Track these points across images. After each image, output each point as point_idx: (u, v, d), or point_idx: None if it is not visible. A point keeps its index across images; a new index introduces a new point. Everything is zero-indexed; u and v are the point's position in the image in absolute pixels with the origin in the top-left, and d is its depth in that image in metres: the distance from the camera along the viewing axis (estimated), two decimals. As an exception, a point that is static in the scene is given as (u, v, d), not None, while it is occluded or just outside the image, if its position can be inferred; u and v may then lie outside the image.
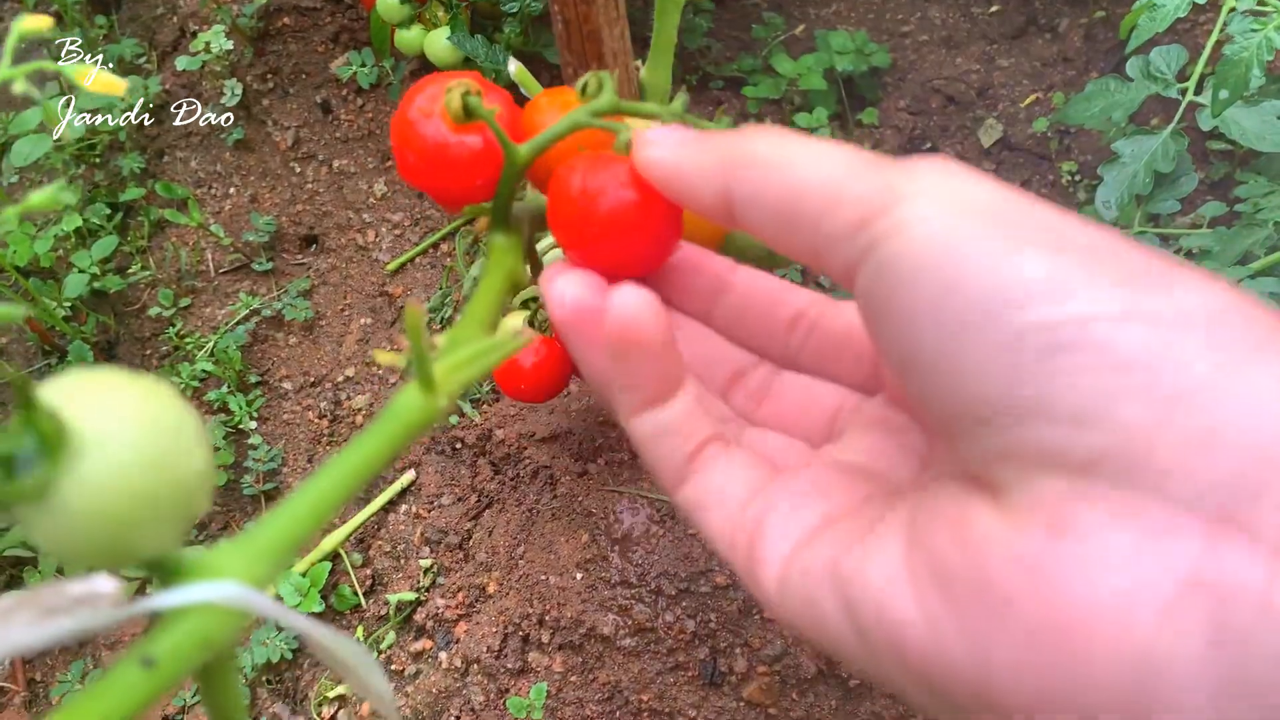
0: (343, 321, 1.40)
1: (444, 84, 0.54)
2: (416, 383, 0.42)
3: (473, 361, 0.43)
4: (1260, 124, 1.17)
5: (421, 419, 0.42)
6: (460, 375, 0.43)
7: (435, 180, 0.55)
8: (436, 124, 0.54)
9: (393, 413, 0.42)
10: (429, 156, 0.54)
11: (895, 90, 1.69)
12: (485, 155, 0.54)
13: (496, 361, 0.43)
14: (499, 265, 0.55)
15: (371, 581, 1.17)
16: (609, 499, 0.92)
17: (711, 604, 0.85)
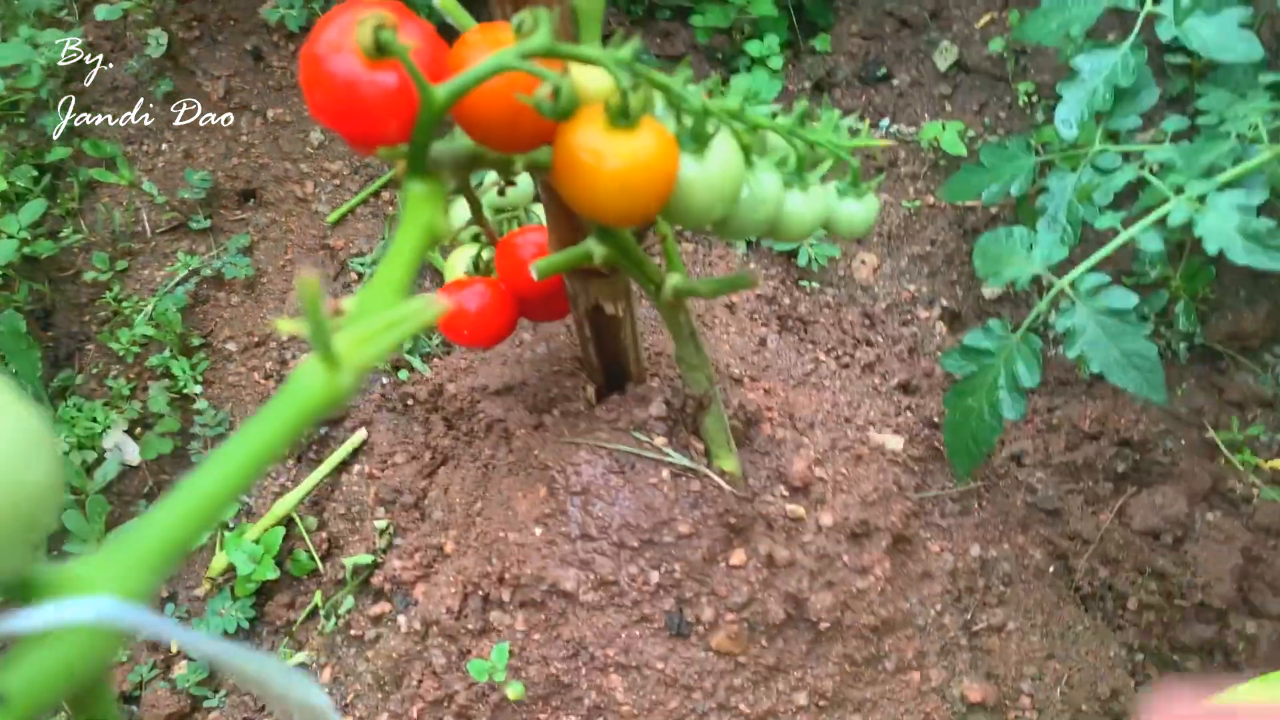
0: (285, 278, 1.35)
1: (356, 14, 0.49)
2: (317, 358, 0.39)
3: (381, 334, 0.39)
4: (1221, 33, 1.14)
5: (324, 399, 0.38)
6: (367, 350, 0.39)
7: (345, 121, 0.51)
8: (347, 59, 0.49)
9: (291, 392, 0.38)
10: (338, 95, 0.50)
11: (847, 14, 1.64)
12: (400, 95, 0.50)
13: (409, 332, 0.40)
14: (415, 218, 0.51)
15: (327, 545, 1.14)
16: (566, 451, 0.89)
17: (675, 554, 0.83)
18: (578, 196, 0.55)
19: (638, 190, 0.54)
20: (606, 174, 0.53)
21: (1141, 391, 0.81)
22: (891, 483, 0.95)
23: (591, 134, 0.53)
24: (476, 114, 0.52)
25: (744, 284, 0.73)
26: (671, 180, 0.56)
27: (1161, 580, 1.06)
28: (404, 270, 0.47)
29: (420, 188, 0.51)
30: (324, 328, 0.36)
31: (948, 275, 1.37)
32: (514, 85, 0.51)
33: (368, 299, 0.46)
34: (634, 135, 0.53)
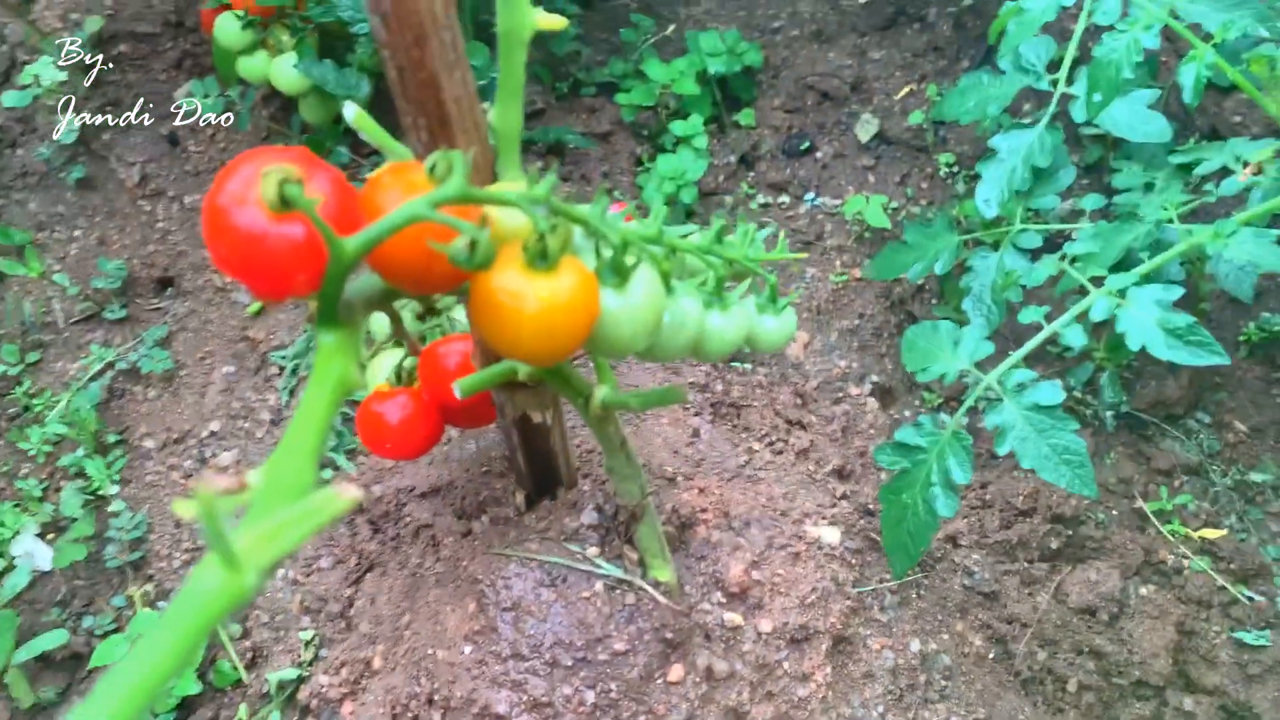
0: (204, 371, 1.31)
1: (259, 166, 0.47)
2: (216, 559, 0.36)
3: (285, 530, 0.37)
4: (1131, 114, 1.16)
5: (226, 601, 0.36)
6: (271, 549, 0.37)
7: (251, 275, 0.49)
8: (251, 212, 0.47)
9: (190, 596, 0.36)
10: (242, 248, 0.47)
11: (770, 89, 1.66)
12: (307, 248, 0.48)
13: (316, 527, 0.38)
14: (326, 372, 0.48)
15: (252, 655, 1.10)
16: (496, 563, 0.87)
17: (611, 672, 0.80)
18: (498, 339, 0.53)
19: (559, 331, 0.53)
20: (527, 316, 0.52)
21: (1073, 488, 0.81)
22: (830, 580, 0.94)
23: (509, 276, 0.52)
24: (389, 261, 0.51)
25: (674, 398, 0.72)
26: (593, 317, 0.55)
27: (1099, 659, 1.06)
28: (315, 435, 0.45)
29: (331, 339, 0.49)
30: (222, 534, 0.34)
31: (876, 349, 1.38)
32: (427, 232, 0.49)
33: (277, 470, 0.43)
34: (553, 276, 0.52)
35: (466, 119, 0.65)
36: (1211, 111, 1.45)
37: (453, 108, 0.64)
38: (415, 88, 0.63)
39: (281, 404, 1.25)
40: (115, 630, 1.16)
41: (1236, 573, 1.14)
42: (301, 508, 0.38)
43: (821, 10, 1.74)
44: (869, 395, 1.31)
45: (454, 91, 0.64)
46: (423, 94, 0.63)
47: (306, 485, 0.43)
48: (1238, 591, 1.12)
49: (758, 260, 0.69)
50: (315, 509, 0.38)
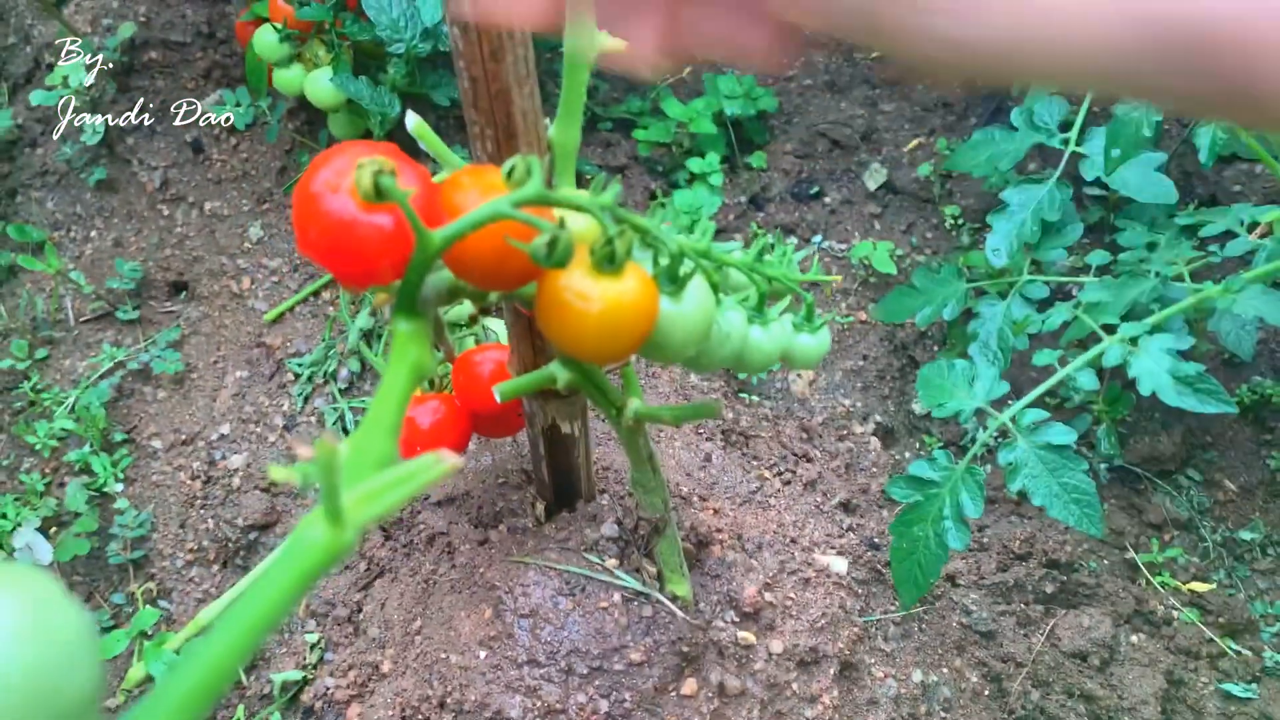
0: (216, 375, 1.32)
1: (354, 157, 0.50)
2: (322, 515, 0.38)
3: (387, 491, 0.39)
4: (1141, 177, 1.20)
5: (329, 555, 0.38)
6: (373, 507, 0.39)
7: (338, 260, 0.51)
8: (344, 200, 0.49)
9: (296, 549, 0.38)
10: (333, 235, 0.50)
11: (782, 134, 1.70)
12: (395, 237, 0.50)
13: (415, 490, 0.39)
14: (403, 357, 0.50)
15: (253, 657, 1.10)
16: (514, 570, 0.88)
17: (626, 682, 0.82)
18: (562, 336, 0.55)
19: (621, 332, 0.55)
20: (593, 317, 0.54)
21: (1081, 526, 0.83)
22: (838, 607, 0.95)
23: (578, 278, 0.54)
24: (466, 256, 0.53)
25: (709, 413, 0.74)
26: (652, 321, 0.57)
27: (1090, 702, 1.08)
28: (395, 412, 0.47)
29: (408, 327, 0.51)
30: (337, 490, 0.36)
31: (879, 390, 1.41)
32: (505, 230, 0.51)
33: (361, 443, 0.45)
34: (619, 279, 0.54)
35: (531, 132, 0.68)
36: (1211, 180, 1.50)
37: (520, 120, 0.67)
38: (487, 99, 0.66)
39: (295, 410, 1.27)
40: (114, 626, 1.15)
41: (1224, 626, 1.17)
42: (402, 470, 0.40)
43: (835, 62, 1.79)
44: (872, 434, 1.33)
45: (523, 105, 0.67)
46: (494, 105, 0.66)
47: (389, 458, 0.45)
48: (1225, 644, 1.14)
49: (796, 280, 0.72)
50: (415, 472, 0.40)
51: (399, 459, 0.46)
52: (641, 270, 0.57)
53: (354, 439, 0.47)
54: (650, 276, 0.58)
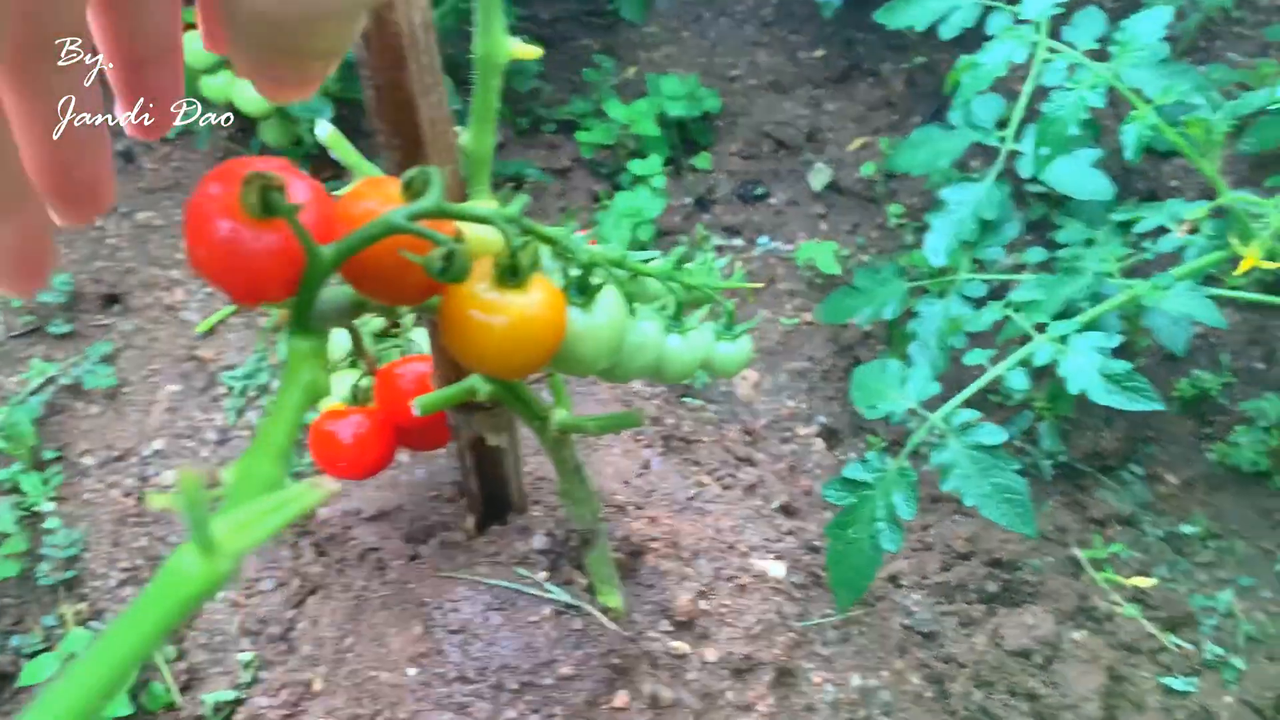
0: (149, 389, 1.30)
1: (242, 172, 0.48)
2: (194, 545, 0.37)
3: (262, 519, 0.37)
4: (1075, 172, 1.21)
5: (202, 587, 0.36)
6: (247, 536, 0.37)
7: (228, 279, 0.49)
8: (231, 217, 0.48)
9: (166, 582, 0.36)
10: (221, 253, 0.48)
11: (727, 134, 1.69)
12: (284, 254, 0.48)
13: (292, 517, 0.38)
14: (297, 377, 0.49)
15: (187, 677, 1.07)
16: (444, 585, 0.87)
17: (557, 696, 0.80)
18: (466, 352, 0.54)
19: (527, 347, 0.54)
20: (497, 332, 0.53)
21: (1013, 526, 0.83)
22: (774, 613, 0.95)
23: (481, 292, 0.53)
24: (365, 271, 0.51)
25: (631, 422, 0.73)
26: (560, 334, 0.56)
27: (1033, 701, 1.07)
28: (285, 434, 0.46)
29: (303, 344, 0.50)
30: (204, 521, 0.35)
31: (825, 391, 1.40)
32: (403, 244, 0.50)
33: (248, 468, 0.44)
34: (523, 292, 0.53)
35: (440, 141, 0.66)
36: (1150, 175, 1.51)
37: (427, 129, 0.66)
38: (392, 108, 0.64)
39: (228, 424, 1.24)
40: (45, 649, 1.13)
41: (1165, 621, 1.17)
42: (277, 498, 0.38)
43: (779, 61, 1.79)
44: (816, 436, 1.33)
45: (429, 114, 0.65)
46: (399, 115, 0.65)
47: (277, 482, 0.44)
48: (1166, 639, 1.15)
49: (716, 288, 0.71)
50: (291, 499, 0.38)
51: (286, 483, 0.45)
52: (549, 282, 0.56)
53: (240, 463, 0.45)
54: (559, 288, 0.57)
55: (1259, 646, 1.16)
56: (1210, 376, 1.33)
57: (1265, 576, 1.22)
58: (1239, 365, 1.37)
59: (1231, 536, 1.26)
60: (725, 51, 1.81)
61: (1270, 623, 1.18)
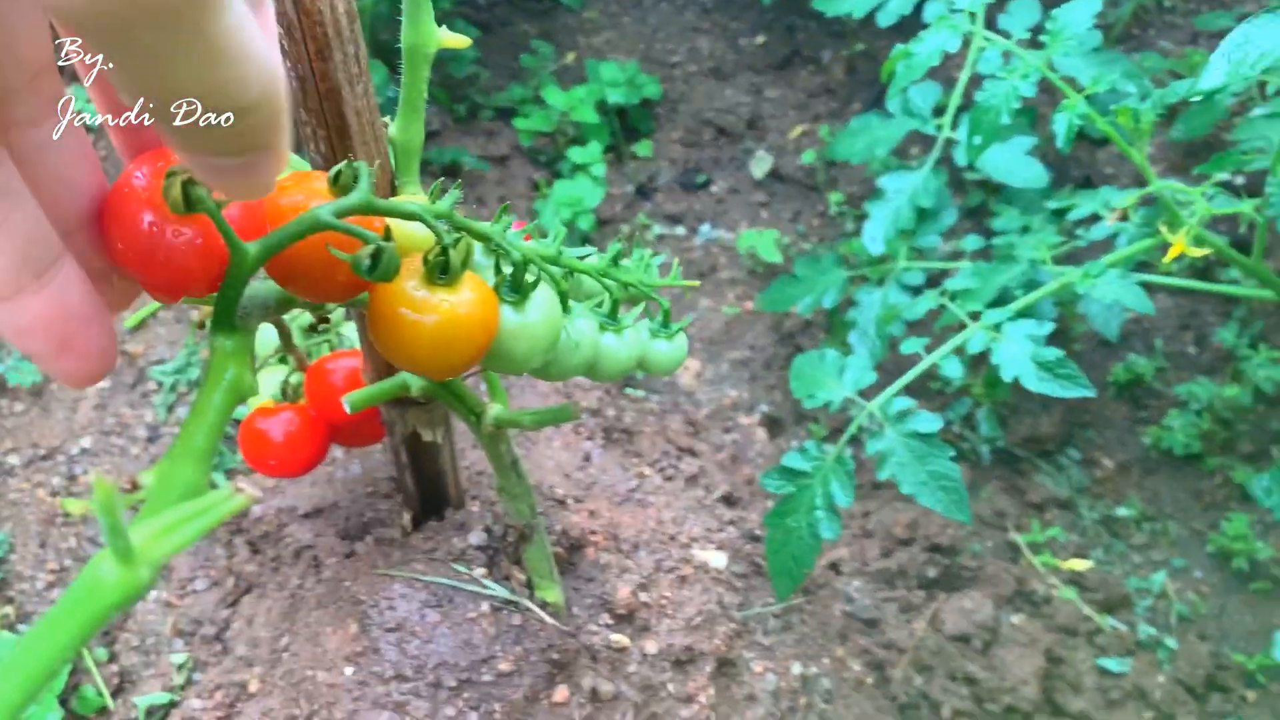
0: (77, 385, 1.26)
1: (165, 164, 0.46)
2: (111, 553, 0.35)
3: (181, 526, 0.36)
4: (1010, 160, 1.22)
5: (120, 596, 0.35)
6: (166, 543, 0.36)
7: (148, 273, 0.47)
8: (153, 210, 0.46)
9: (83, 591, 0.35)
10: (141, 247, 0.46)
11: (668, 122, 1.68)
12: (207, 250, 0.47)
13: (211, 525, 0.37)
14: (219, 376, 0.47)
15: (119, 680, 1.05)
16: (380, 583, 0.85)
17: (496, 693, 0.80)
18: (396, 351, 0.53)
19: (458, 345, 0.53)
20: (426, 330, 0.51)
21: (948, 512, 0.84)
22: (715, 603, 0.95)
23: (410, 289, 0.51)
24: (290, 268, 0.50)
25: (566, 416, 0.72)
26: (492, 333, 0.55)
27: (972, 685, 1.09)
28: (208, 437, 0.44)
29: (227, 343, 0.48)
30: (119, 527, 0.33)
31: (766, 380, 1.40)
32: (330, 240, 0.49)
33: (168, 472, 0.42)
34: (454, 290, 0.52)
35: (367, 132, 0.65)
36: (1086, 162, 1.52)
37: (353, 120, 0.64)
38: (317, 98, 0.63)
39: (159, 420, 1.21)
40: (-31, 654, 1.10)
41: (1101, 603, 1.19)
42: (197, 504, 0.37)
43: (720, 48, 1.78)
44: (758, 425, 1.33)
45: (355, 104, 0.64)
46: (324, 105, 0.63)
47: (198, 487, 0.42)
48: (1102, 621, 1.17)
49: (652, 286, 0.70)
50: (210, 506, 0.37)
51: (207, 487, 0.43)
52: (480, 281, 0.55)
53: (160, 467, 0.44)
54: (491, 286, 0.56)
55: (1190, 626, 1.18)
56: (1144, 361, 1.36)
57: (1197, 557, 1.25)
58: (1172, 350, 1.39)
59: (1165, 518, 1.28)
60: (665, 38, 1.80)
61: (1201, 602, 1.20)
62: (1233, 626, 1.18)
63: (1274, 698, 1.12)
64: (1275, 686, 1.12)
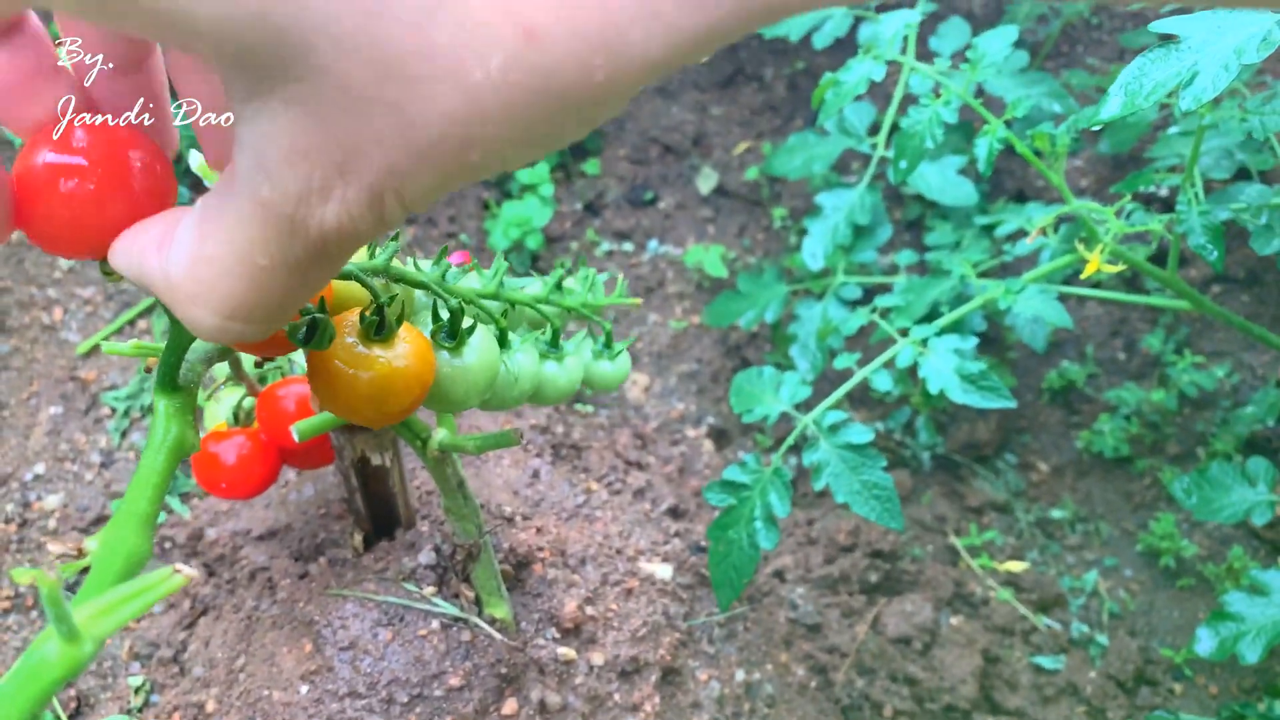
0: (29, 411, 1.27)
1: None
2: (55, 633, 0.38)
3: (122, 604, 0.39)
4: (942, 179, 1.26)
5: (64, 671, 0.38)
6: (108, 621, 0.38)
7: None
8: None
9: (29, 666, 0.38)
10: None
11: (615, 139, 1.72)
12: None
13: (151, 602, 0.39)
14: (162, 438, 0.49)
15: (76, 704, 1.06)
16: (333, 603, 0.88)
17: (447, 707, 0.82)
18: (334, 404, 0.55)
19: (394, 398, 0.55)
20: (362, 385, 0.53)
21: (882, 521, 0.87)
22: (661, 614, 0.98)
23: (346, 346, 0.53)
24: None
25: (510, 441, 0.74)
26: (427, 385, 0.57)
27: (913, 686, 1.13)
28: (151, 501, 0.46)
29: (171, 402, 0.50)
30: (62, 610, 0.36)
31: (714, 392, 1.44)
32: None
33: (113, 540, 0.44)
34: (389, 346, 0.54)
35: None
36: (1019, 176, 1.58)
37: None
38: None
39: (113, 445, 1.23)
40: (-75, 683, 1.10)
41: (1036, 602, 1.24)
42: (138, 583, 0.39)
43: (664, 67, 1.82)
44: (705, 437, 1.36)
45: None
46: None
47: (143, 553, 0.44)
48: (1037, 620, 1.21)
49: (595, 306, 0.73)
50: (151, 584, 0.39)
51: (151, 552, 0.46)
52: (415, 333, 0.57)
53: (105, 533, 0.46)
54: (424, 338, 0.58)
55: (1121, 623, 1.23)
56: (1076, 368, 1.41)
57: (1127, 556, 1.30)
58: (1103, 356, 1.44)
59: (1097, 519, 1.33)
60: (612, 58, 1.83)
61: (1131, 600, 1.25)
62: (1160, 622, 1.23)
63: (1199, 690, 1.17)
64: (1200, 679, 1.17)
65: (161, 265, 0.33)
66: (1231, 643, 0.89)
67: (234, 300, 0.31)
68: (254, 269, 0.30)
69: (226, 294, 0.31)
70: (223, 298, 0.31)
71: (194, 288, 0.31)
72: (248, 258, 0.30)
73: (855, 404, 1.42)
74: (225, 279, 0.31)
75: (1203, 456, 1.33)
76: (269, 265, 0.30)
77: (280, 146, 0.27)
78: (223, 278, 0.31)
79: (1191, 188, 0.88)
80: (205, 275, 0.31)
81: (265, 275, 0.30)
